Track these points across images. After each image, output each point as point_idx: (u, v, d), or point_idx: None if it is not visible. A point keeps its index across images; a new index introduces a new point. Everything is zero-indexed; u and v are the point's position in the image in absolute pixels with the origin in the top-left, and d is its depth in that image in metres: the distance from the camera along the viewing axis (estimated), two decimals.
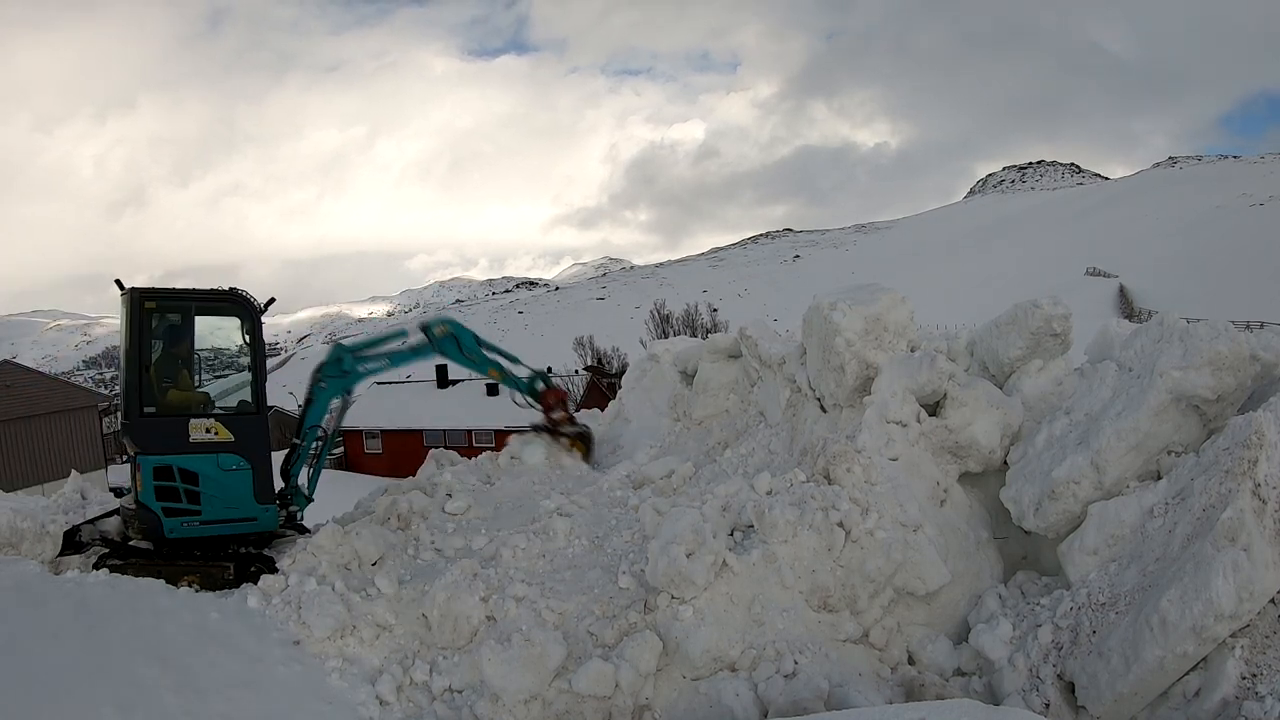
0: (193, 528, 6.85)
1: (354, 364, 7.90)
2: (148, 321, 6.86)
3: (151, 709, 5.02)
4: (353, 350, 8.02)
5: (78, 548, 7.15)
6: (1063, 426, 6.80)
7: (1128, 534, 5.90)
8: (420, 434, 38.87)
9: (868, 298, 7.98)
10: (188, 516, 6.82)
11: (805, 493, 6.65)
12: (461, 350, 8.71)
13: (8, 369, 29.43)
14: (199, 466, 6.82)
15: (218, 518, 6.90)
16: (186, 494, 6.80)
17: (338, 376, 7.83)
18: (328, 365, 7.86)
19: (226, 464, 6.88)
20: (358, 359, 7.95)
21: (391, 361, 8.25)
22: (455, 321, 8.83)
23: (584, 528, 7.61)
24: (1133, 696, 5.17)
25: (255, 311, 7.14)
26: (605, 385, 38.66)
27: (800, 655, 5.86)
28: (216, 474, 6.86)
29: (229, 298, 7.16)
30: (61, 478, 11.18)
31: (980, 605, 6.54)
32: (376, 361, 8.08)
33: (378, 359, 8.11)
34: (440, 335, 8.55)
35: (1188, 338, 6.23)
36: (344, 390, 7.92)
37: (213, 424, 6.89)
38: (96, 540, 7.14)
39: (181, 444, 6.79)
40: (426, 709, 5.74)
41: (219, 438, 6.89)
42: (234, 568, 6.88)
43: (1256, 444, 5.34)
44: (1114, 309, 59.56)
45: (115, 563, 6.87)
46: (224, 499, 6.89)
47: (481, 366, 8.98)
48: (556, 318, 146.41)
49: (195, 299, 7.15)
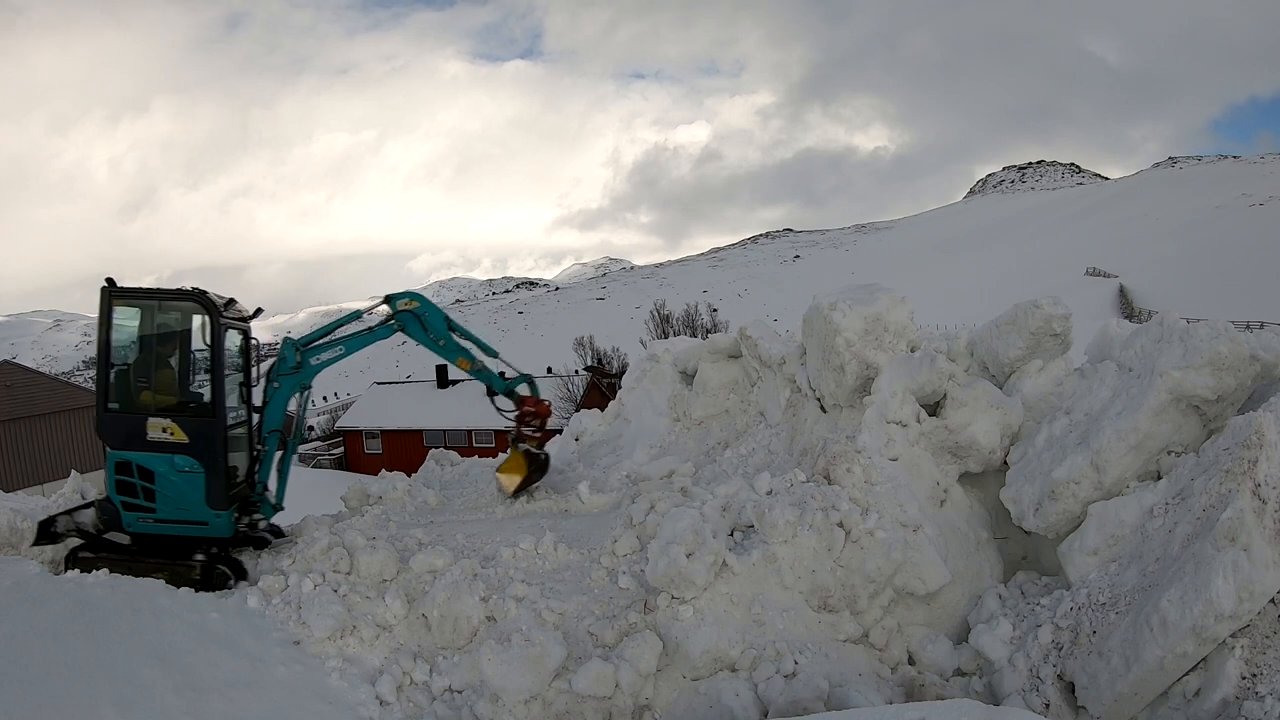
0: (147, 524, 6.95)
1: (305, 357, 7.49)
2: (113, 318, 6.93)
3: (151, 709, 5.03)
4: (300, 344, 7.55)
5: (52, 538, 7.15)
6: (1063, 426, 6.80)
7: (1128, 534, 5.90)
8: (420, 434, 38.89)
9: (868, 298, 7.98)
10: (143, 513, 6.92)
11: (805, 493, 6.65)
12: (426, 330, 7.85)
13: (8, 369, 29.44)
14: (155, 465, 6.88)
15: (170, 517, 6.94)
16: (143, 491, 6.89)
17: (290, 374, 7.46)
18: (278, 363, 7.47)
19: (181, 465, 6.87)
20: (308, 351, 7.53)
21: (347, 347, 7.71)
22: (425, 299, 8.00)
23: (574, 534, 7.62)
24: (1133, 696, 5.17)
25: (216, 312, 6.97)
26: (605, 385, 38.65)
27: (800, 655, 5.85)
28: (170, 474, 6.87)
29: (190, 296, 7.03)
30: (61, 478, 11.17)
31: (980, 605, 6.53)
32: (330, 350, 7.59)
33: (331, 346, 7.60)
34: (404, 310, 7.81)
35: (1188, 338, 6.22)
36: (299, 386, 7.55)
37: (169, 424, 6.88)
38: (72, 531, 7.14)
39: (140, 442, 6.86)
40: (426, 709, 5.74)
41: (174, 438, 6.89)
42: (200, 568, 6.86)
43: (1256, 444, 5.34)
44: (1114, 309, 59.53)
45: (87, 555, 6.92)
46: (176, 500, 6.90)
47: (449, 353, 8.04)
48: (556, 318, 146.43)
49: (158, 297, 7.09)
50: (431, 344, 7.95)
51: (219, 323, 6.98)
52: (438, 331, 7.90)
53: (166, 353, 7.18)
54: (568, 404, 37.05)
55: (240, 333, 7.48)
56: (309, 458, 44.48)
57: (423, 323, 7.83)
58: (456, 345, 8.06)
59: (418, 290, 8.49)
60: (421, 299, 7.95)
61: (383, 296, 7.96)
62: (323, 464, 43.27)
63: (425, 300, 7.97)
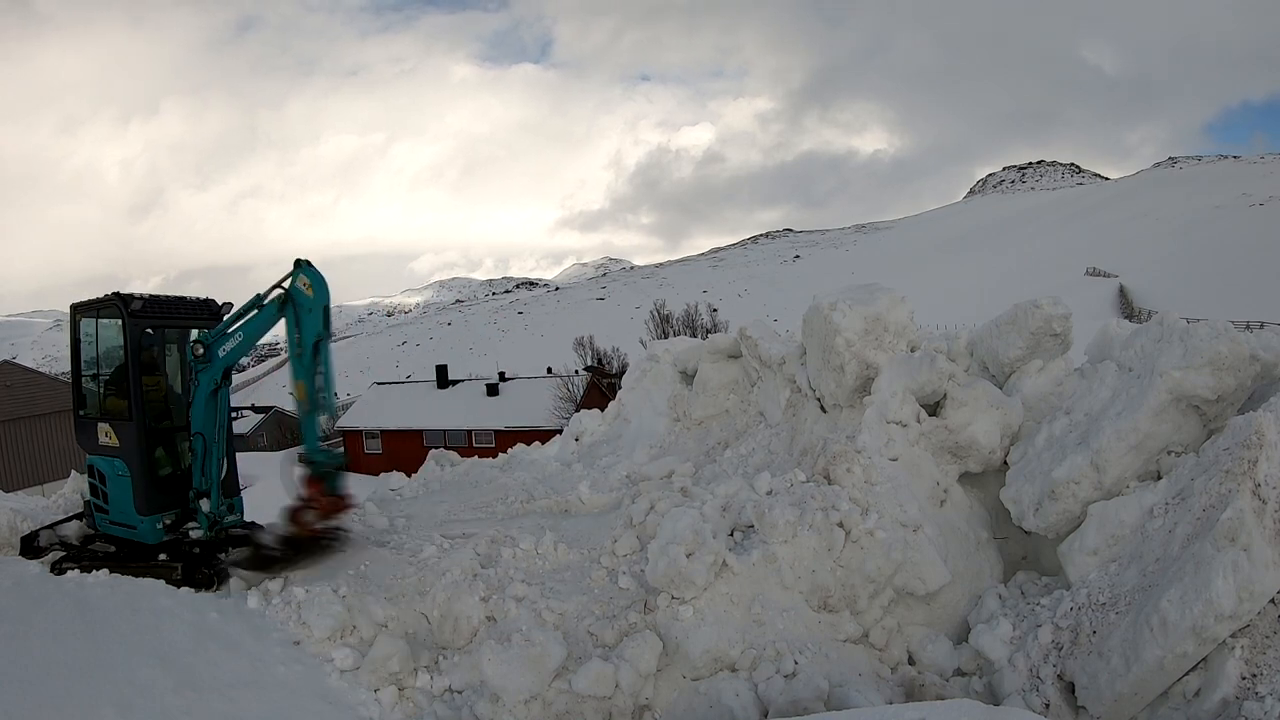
0: (105, 525, 7.25)
1: (213, 348, 6.89)
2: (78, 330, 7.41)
3: (151, 709, 5.03)
4: (205, 338, 6.95)
5: (36, 552, 7.31)
6: (1063, 426, 6.80)
7: (1128, 534, 5.90)
8: (420, 434, 38.88)
9: (868, 298, 7.98)
10: (101, 514, 7.26)
11: (805, 493, 6.65)
12: (299, 327, 6.62)
13: (8, 369, 29.43)
14: (104, 468, 7.21)
15: (116, 520, 7.19)
16: (100, 492, 7.25)
17: (203, 369, 6.91)
18: (190, 360, 6.97)
19: (118, 469, 7.10)
20: (217, 342, 6.91)
21: (246, 334, 6.91)
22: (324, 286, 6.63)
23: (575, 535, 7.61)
24: (1133, 696, 5.17)
25: (125, 313, 7.02)
26: (605, 385, 38.65)
27: (800, 655, 5.85)
28: (112, 477, 7.16)
29: (108, 301, 7.22)
30: (61, 478, 11.17)
31: (980, 605, 6.53)
32: (232, 339, 6.89)
33: (233, 335, 6.89)
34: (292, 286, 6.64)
35: (1188, 338, 6.22)
36: (212, 380, 6.94)
37: (109, 429, 7.16)
38: (55, 545, 7.32)
39: (94, 445, 7.25)
40: (426, 709, 5.73)
41: (111, 442, 7.14)
42: (181, 569, 6.88)
43: (1256, 444, 5.34)
44: (1114, 309, 59.49)
45: (70, 566, 7.05)
46: (116, 503, 7.17)
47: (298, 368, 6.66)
48: (556, 318, 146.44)
49: (82, 308, 7.42)
50: (292, 342, 6.69)
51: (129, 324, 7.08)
52: (306, 334, 6.60)
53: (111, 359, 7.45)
54: (568, 404, 37.04)
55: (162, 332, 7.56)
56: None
57: (299, 316, 6.61)
58: (311, 366, 6.64)
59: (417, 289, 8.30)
60: (319, 284, 6.59)
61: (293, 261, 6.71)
62: None
63: (321, 288, 6.60)
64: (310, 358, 6.59)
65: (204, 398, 6.95)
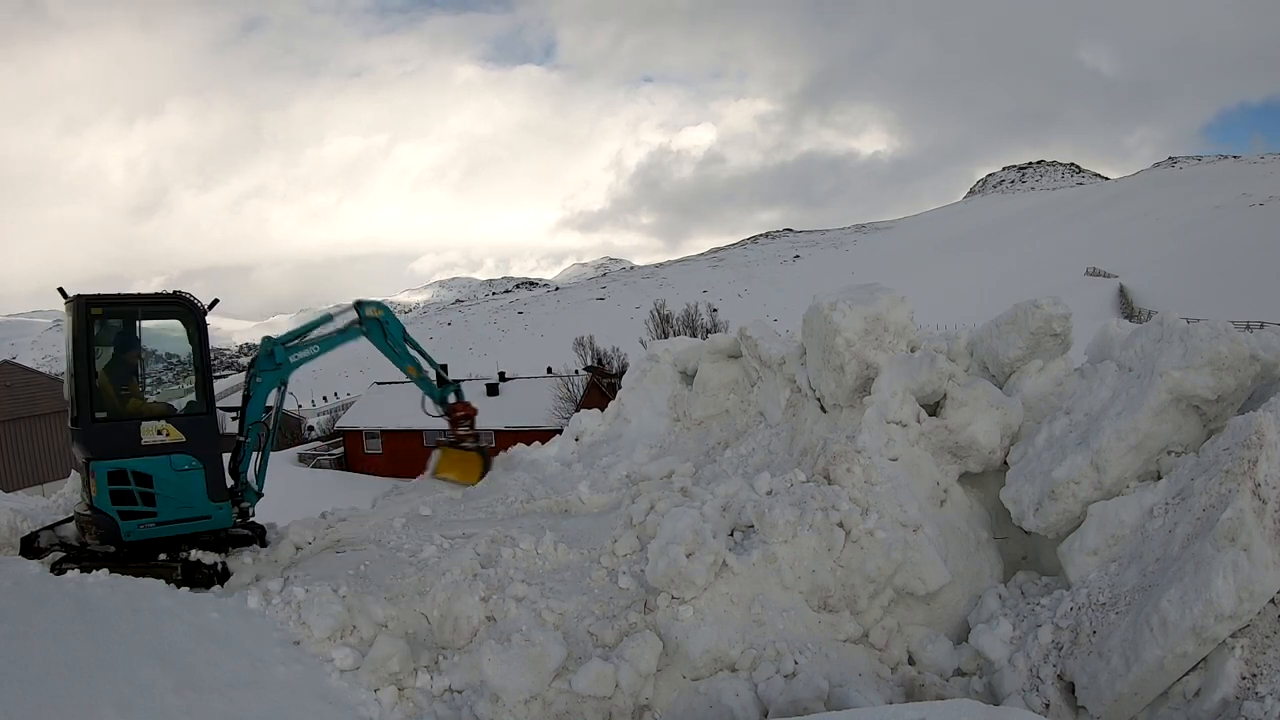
0: (149, 529, 6.96)
1: (284, 355, 7.93)
2: (94, 328, 6.95)
3: (151, 709, 5.03)
4: (282, 341, 8.01)
5: (36, 553, 7.17)
6: (1063, 426, 6.80)
7: (1128, 534, 5.90)
8: (420, 434, 38.87)
9: (868, 298, 7.98)
10: (144, 519, 6.92)
11: (805, 493, 6.65)
12: (387, 338, 8.62)
13: (8, 369, 29.46)
14: (152, 469, 6.94)
15: (173, 518, 7.02)
16: (141, 496, 6.91)
17: (271, 370, 7.86)
18: (260, 359, 7.87)
19: (179, 464, 7.01)
20: (288, 349, 7.97)
21: (321, 347, 8.23)
22: (389, 309, 8.73)
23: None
24: (1133, 696, 5.17)
25: (200, 313, 7.21)
26: (605, 385, 38.65)
27: (800, 655, 5.85)
28: (170, 475, 6.98)
29: (173, 300, 7.24)
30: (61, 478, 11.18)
31: (980, 605, 6.53)
32: (307, 349, 8.10)
33: (308, 346, 8.12)
34: (371, 317, 8.51)
35: (1188, 338, 6.22)
36: (279, 381, 7.97)
37: (164, 426, 7.01)
38: (55, 545, 7.18)
39: (134, 447, 6.91)
40: (426, 709, 5.73)
41: (170, 439, 7.01)
42: (181, 569, 6.89)
43: (1256, 444, 5.34)
44: (1114, 309, 59.50)
45: (70, 566, 6.90)
46: (178, 499, 7.02)
47: (401, 361, 8.83)
48: (556, 318, 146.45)
49: (141, 303, 7.22)
50: (389, 350, 8.71)
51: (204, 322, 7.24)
52: (396, 340, 8.69)
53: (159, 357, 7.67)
54: (568, 404, 37.04)
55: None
56: (309, 458, 44.48)
57: (385, 331, 8.59)
58: (408, 354, 8.85)
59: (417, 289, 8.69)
60: (386, 309, 8.68)
61: (352, 302, 8.66)
62: (323, 464, 43.26)
63: (389, 311, 8.71)
64: (405, 352, 8.77)
65: (264, 396, 7.83)
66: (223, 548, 7.33)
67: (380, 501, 9.54)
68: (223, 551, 7.30)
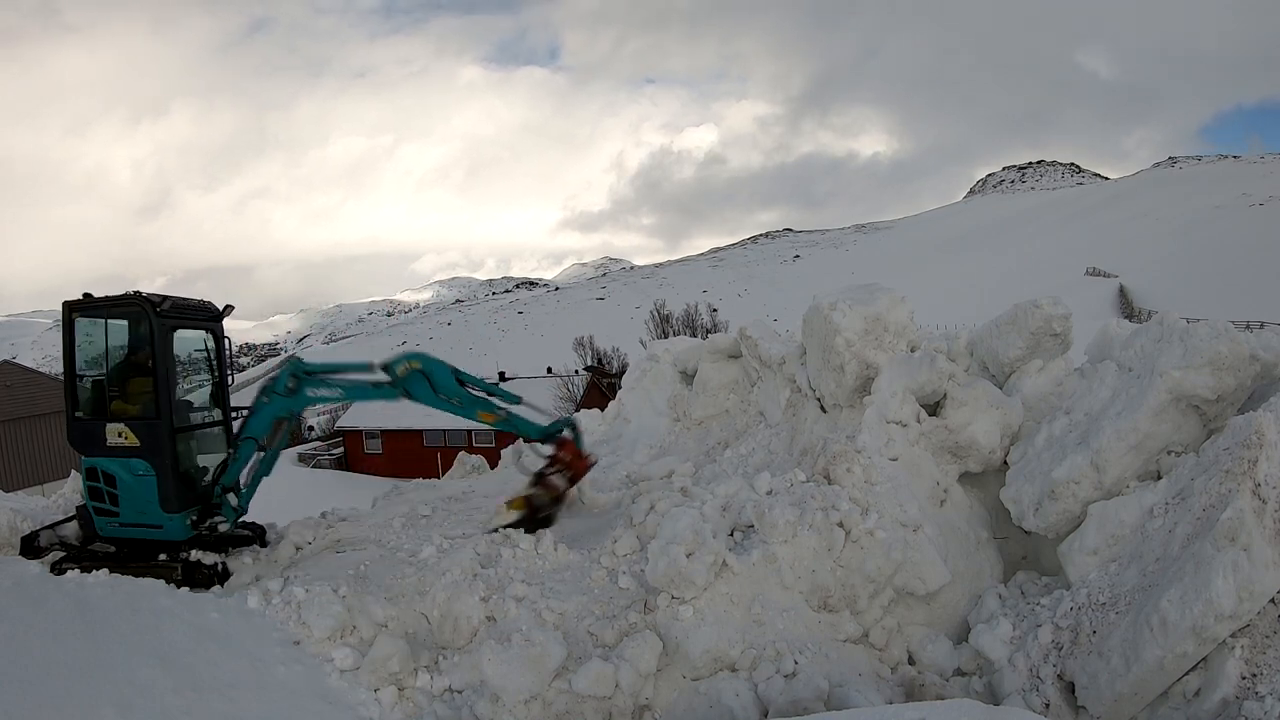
0: (115, 528, 7.05)
1: (305, 385, 7.25)
2: (75, 330, 7.12)
3: (151, 709, 5.03)
4: (310, 372, 7.31)
5: (36, 552, 7.23)
6: (1063, 426, 6.80)
7: (1128, 534, 5.90)
8: (420, 434, 38.89)
9: (868, 298, 7.99)
10: (110, 517, 7.03)
11: (805, 493, 6.65)
12: (435, 390, 7.29)
13: (8, 369, 29.46)
14: (115, 470, 6.98)
15: (131, 521, 7.02)
16: (108, 495, 6.99)
17: (284, 395, 7.23)
18: (279, 382, 7.24)
19: (136, 469, 6.94)
20: (312, 382, 7.27)
21: (346, 393, 7.51)
22: (426, 356, 7.35)
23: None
24: (1133, 696, 5.17)
25: (152, 313, 6.90)
26: (605, 385, 38.66)
27: (800, 655, 5.85)
28: (129, 478, 6.96)
29: (128, 301, 7.04)
30: (61, 478, 11.17)
31: (980, 605, 6.54)
32: (330, 389, 7.34)
33: (332, 386, 7.34)
34: (404, 374, 7.23)
35: (1188, 338, 6.22)
36: (287, 410, 7.34)
37: (123, 429, 6.98)
38: (55, 545, 7.23)
39: (101, 448, 6.99)
40: (426, 709, 5.73)
41: (128, 443, 6.96)
42: (181, 569, 6.89)
43: (1256, 444, 5.34)
44: (1114, 309, 59.49)
45: (70, 566, 6.98)
46: (134, 503, 6.97)
47: (466, 410, 7.39)
48: (556, 318, 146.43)
49: (105, 305, 7.15)
50: (444, 404, 7.32)
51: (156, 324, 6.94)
52: (447, 389, 7.30)
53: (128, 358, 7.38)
54: (568, 404, 37.05)
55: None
56: (309, 457, 44.48)
57: (431, 382, 7.26)
58: (472, 398, 7.43)
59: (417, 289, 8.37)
60: (423, 357, 7.31)
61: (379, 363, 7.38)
62: (323, 464, 43.26)
63: (427, 357, 7.32)
64: (468, 396, 7.41)
65: (268, 417, 7.28)
66: (223, 548, 7.32)
67: (380, 501, 9.54)
68: (223, 551, 7.30)
